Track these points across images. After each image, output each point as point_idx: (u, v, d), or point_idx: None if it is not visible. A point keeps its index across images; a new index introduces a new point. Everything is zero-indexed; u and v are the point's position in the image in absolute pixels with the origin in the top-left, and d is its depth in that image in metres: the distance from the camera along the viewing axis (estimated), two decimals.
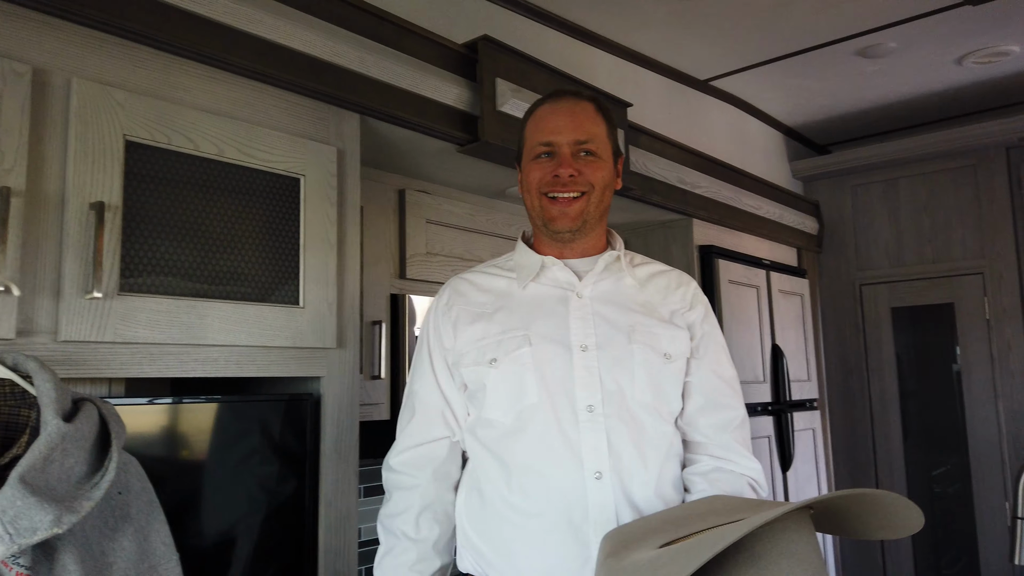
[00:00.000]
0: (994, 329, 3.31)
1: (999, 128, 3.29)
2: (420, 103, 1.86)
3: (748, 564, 0.86)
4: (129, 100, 1.33)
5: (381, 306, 2.08)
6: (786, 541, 0.88)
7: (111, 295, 1.27)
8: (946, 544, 3.49)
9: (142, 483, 1.17)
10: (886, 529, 0.98)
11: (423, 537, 1.28)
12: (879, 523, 0.98)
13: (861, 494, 0.91)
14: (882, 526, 0.98)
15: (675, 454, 1.24)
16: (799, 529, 0.89)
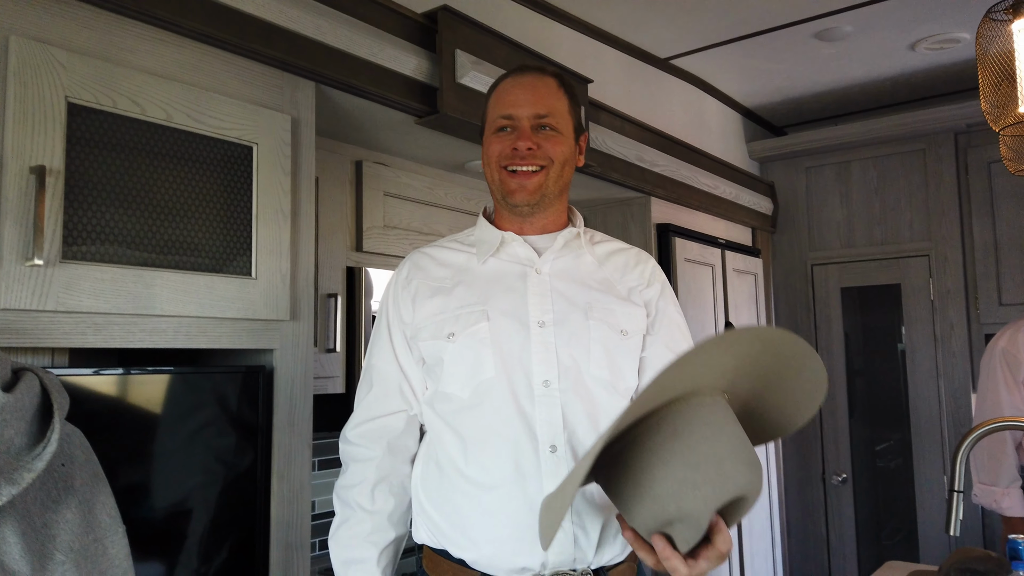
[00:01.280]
0: (938, 310, 3.42)
1: (948, 114, 3.38)
2: (378, 73, 1.83)
3: (672, 439, 0.91)
4: (71, 61, 1.28)
5: (337, 279, 2.06)
6: (703, 414, 0.92)
7: (53, 262, 1.23)
8: (887, 516, 3.62)
9: (86, 455, 1.14)
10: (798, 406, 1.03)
11: (378, 509, 1.29)
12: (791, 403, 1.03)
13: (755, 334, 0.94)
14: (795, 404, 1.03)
15: None
16: (713, 405, 0.94)
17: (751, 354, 0.95)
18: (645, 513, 0.93)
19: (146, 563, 1.35)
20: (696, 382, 0.93)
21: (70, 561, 1.06)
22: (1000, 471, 2.35)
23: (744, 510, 0.94)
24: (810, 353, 0.98)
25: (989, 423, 1.43)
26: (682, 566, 0.93)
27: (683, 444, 0.91)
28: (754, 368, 0.97)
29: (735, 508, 0.94)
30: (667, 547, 0.92)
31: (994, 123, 1.96)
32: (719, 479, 0.89)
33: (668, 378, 0.89)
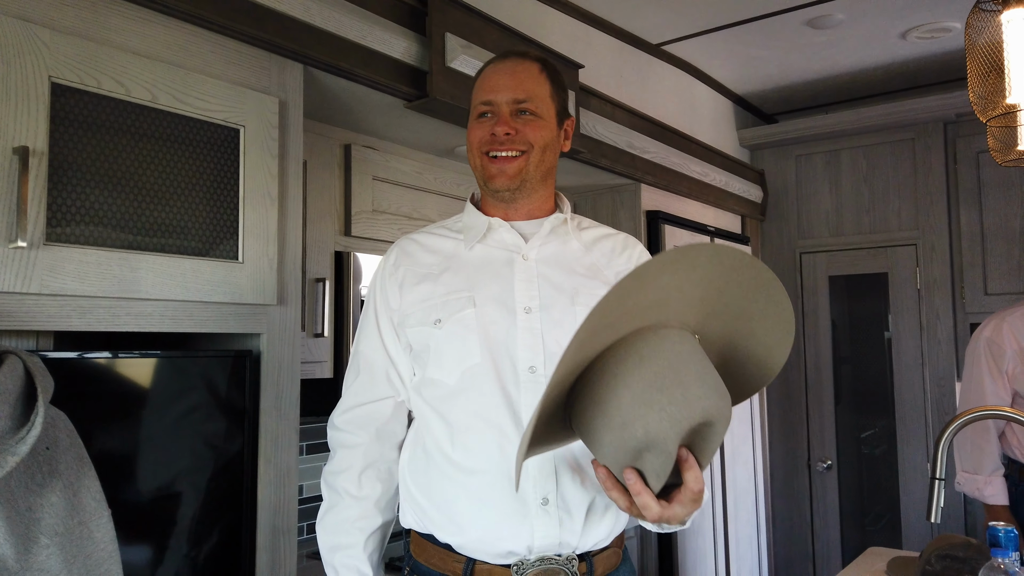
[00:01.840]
0: (924, 299, 3.45)
1: (938, 103, 3.38)
2: (366, 55, 1.81)
3: (638, 365, 0.91)
4: (55, 40, 1.26)
5: (325, 263, 2.05)
6: (670, 342, 0.93)
7: (37, 244, 1.22)
8: (871, 502, 3.66)
9: (71, 438, 1.14)
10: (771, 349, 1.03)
11: (365, 495, 1.29)
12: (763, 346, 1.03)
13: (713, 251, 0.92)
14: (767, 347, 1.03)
15: None
16: (681, 336, 0.94)
17: (715, 283, 0.94)
18: (615, 442, 0.91)
19: (133, 547, 1.35)
20: (664, 314, 0.93)
21: (55, 544, 1.06)
22: (983, 460, 2.38)
23: (712, 441, 0.93)
24: (773, 281, 0.97)
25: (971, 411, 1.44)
26: (653, 502, 0.92)
27: (649, 369, 0.90)
28: (720, 304, 0.96)
29: (704, 439, 0.92)
30: (638, 481, 0.91)
31: (981, 114, 1.96)
32: (684, 401, 0.89)
33: (626, 289, 0.88)
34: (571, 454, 1.18)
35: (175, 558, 1.41)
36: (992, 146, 2.08)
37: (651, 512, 0.92)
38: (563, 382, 0.93)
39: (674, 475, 0.94)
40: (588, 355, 0.93)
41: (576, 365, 0.93)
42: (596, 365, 0.95)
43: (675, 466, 0.93)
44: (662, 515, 0.93)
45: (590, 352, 0.93)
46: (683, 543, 2.94)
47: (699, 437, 0.92)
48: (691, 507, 0.94)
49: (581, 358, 0.92)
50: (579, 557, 1.19)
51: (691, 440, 0.92)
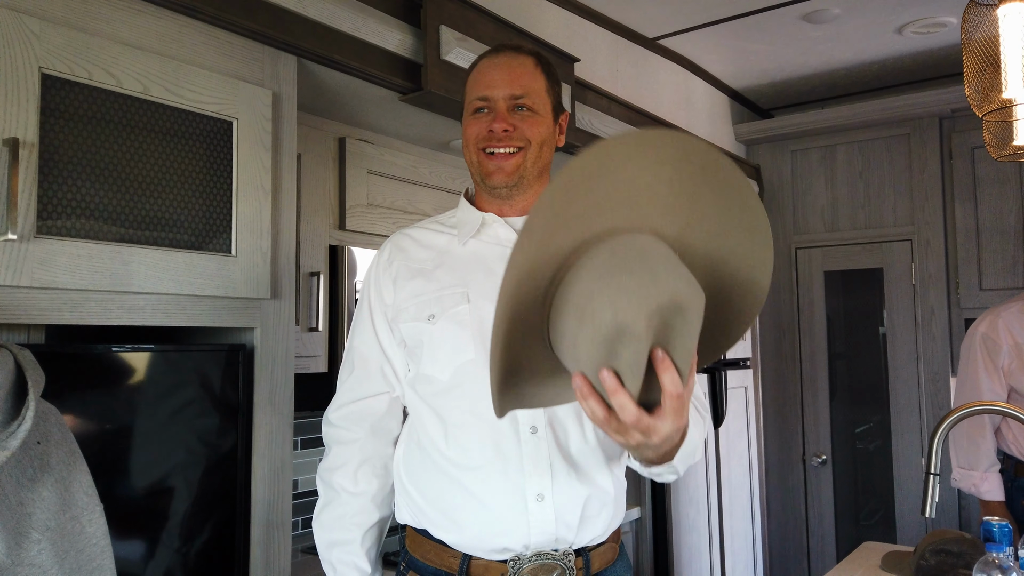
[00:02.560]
0: (919, 294, 3.45)
1: (933, 99, 3.38)
2: (361, 48, 1.80)
3: (609, 257, 0.88)
4: (45, 30, 1.25)
5: (319, 257, 2.04)
6: (642, 240, 0.90)
7: (28, 237, 1.21)
8: (865, 497, 3.67)
9: (63, 432, 1.13)
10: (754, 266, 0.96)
11: (361, 491, 1.29)
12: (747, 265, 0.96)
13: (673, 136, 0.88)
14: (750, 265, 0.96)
15: None
16: (656, 239, 0.91)
17: (686, 187, 0.90)
18: (586, 338, 0.86)
19: (126, 542, 1.34)
20: (637, 218, 0.90)
21: (46, 539, 1.05)
22: (979, 455, 2.39)
23: (686, 334, 0.85)
24: (745, 185, 0.92)
25: (966, 407, 1.44)
26: (630, 403, 0.84)
27: (619, 259, 0.87)
28: (695, 215, 0.92)
29: (676, 331, 0.85)
30: (613, 379, 0.84)
31: (977, 108, 1.96)
32: (653, 283, 0.84)
33: (589, 168, 0.84)
34: (567, 454, 1.18)
35: (169, 553, 1.41)
36: (988, 141, 2.08)
37: (628, 414, 0.85)
38: (535, 284, 0.90)
39: (656, 392, 0.88)
40: (559, 250, 0.89)
41: (547, 262, 0.89)
42: (570, 271, 0.91)
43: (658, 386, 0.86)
44: (642, 425, 0.86)
45: (562, 245, 0.89)
46: (678, 537, 2.94)
47: (671, 330, 0.85)
48: (674, 419, 0.86)
49: (551, 253, 0.89)
50: (575, 552, 1.18)
51: (663, 334, 0.85)
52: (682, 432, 0.93)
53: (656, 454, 0.94)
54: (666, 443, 0.90)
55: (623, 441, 0.90)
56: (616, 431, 0.88)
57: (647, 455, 0.95)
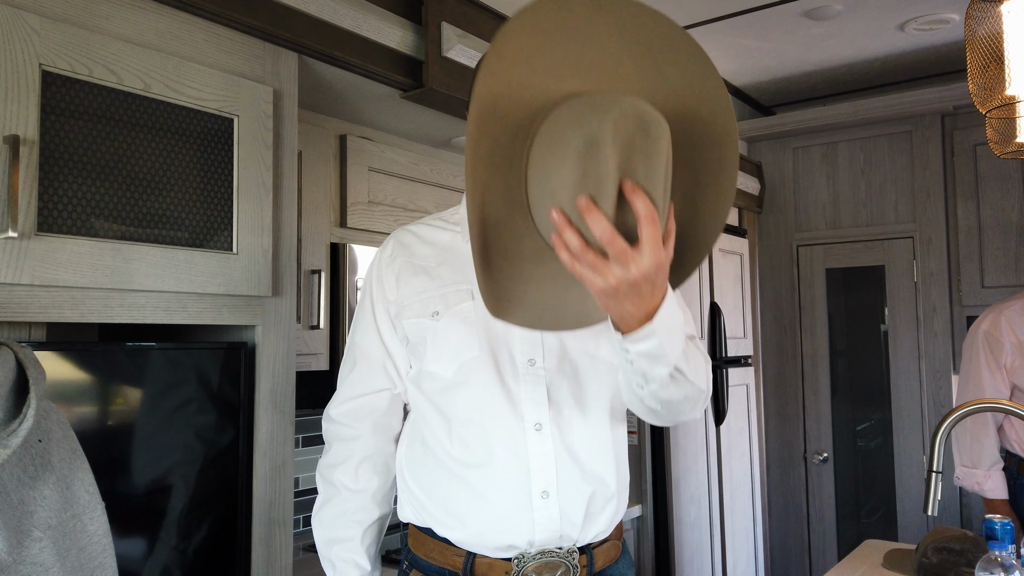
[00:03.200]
0: (921, 292, 3.44)
1: (935, 96, 3.37)
2: (362, 44, 1.80)
3: (577, 98, 0.92)
4: (45, 27, 1.24)
5: (320, 255, 2.04)
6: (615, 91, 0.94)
7: (28, 235, 1.20)
8: (867, 494, 3.67)
9: (64, 431, 1.12)
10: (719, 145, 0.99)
11: (362, 488, 1.28)
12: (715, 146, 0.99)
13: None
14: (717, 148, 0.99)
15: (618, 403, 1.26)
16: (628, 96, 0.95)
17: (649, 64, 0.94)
18: (559, 164, 0.88)
19: (128, 540, 1.34)
20: (605, 84, 0.93)
21: (48, 538, 1.05)
22: (982, 453, 2.38)
23: (652, 156, 0.86)
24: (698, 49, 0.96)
25: (969, 404, 1.44)
26: (603, 218, 0.84)
27: (587, 99, 0.91)
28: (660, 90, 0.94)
29: (641, 153, 0.86)
30: (587, 200, 0.85)
31: (981, 105, 1.95)
32: (616, 103, 0.86)
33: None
34: (572, 452, 1.18)
35: (170, 551, 1.41)
36: (991, 137, 2.07)
37: (603, 229, 0.84)
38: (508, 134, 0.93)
39: (632, 229, 0.89)
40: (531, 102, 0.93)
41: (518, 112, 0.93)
42: (542, 125, 0.93)
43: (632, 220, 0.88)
44: (618, 247, 0.85)
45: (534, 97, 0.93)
46: (679, 535, 2.94)
47: (636, 153, 0.86)
48: (651, 251, 0.85)
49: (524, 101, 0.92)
50: (579, 550, 1.18)
51: (629, 158, 0.86)
52: (662, 277, 0.90)
53: (637, 306, 0.91)
54: (645, 284, 0.88)
55: (602, 284, 0.88)
56: (592, 267, 0.87)
57: (627, 308, 0.91)
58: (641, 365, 0.99)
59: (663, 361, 0.98)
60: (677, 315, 0.97)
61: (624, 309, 0.92)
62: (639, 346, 0.96)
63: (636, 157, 0.86)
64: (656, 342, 0.95)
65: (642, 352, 0.97)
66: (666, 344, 0.96)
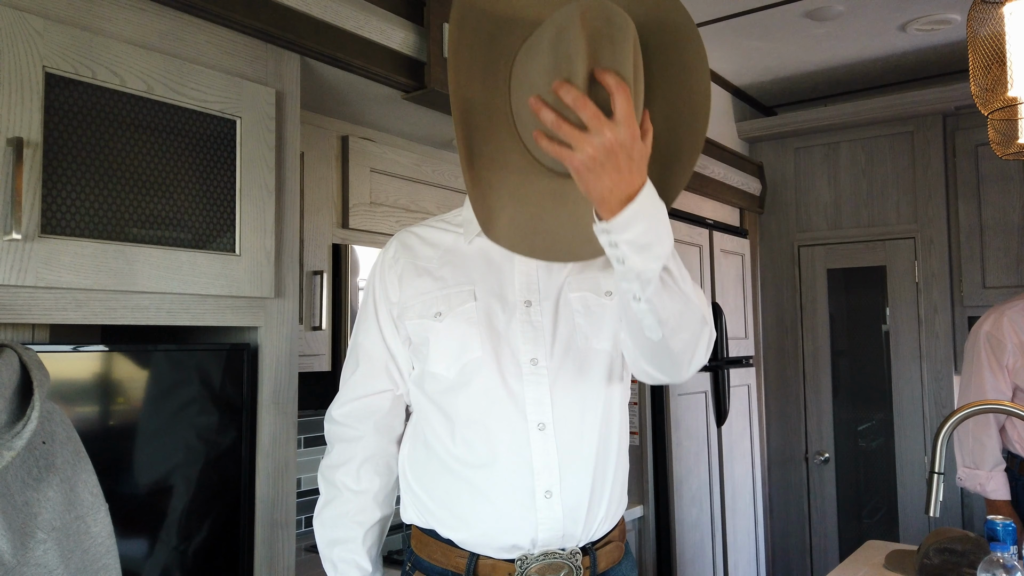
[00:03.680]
0: (922, 292, 3.44)
1: (937, 96, 3.37)
2: (364, 46, 1.80)
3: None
4: (49, 29, 1.25)
5: (323, 256, 2.04)
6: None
7: (32, 237, 1.21)
8: (868, 495, 3.67)
9: (67, 432, 1.13)
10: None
11: (364, 488, 1.28)
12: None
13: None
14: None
15: (620, 402, 1.27)
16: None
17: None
18: (534, 56, 0.97)
19: (131, 541, 1.34)
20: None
21: (52, 539, 1.05)
22: (985, 454, 2.38)
23: (618, 40, 0.92)
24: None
25: (971, 406, 1.44)
26: (574, 89, 0.90)
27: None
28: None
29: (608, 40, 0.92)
30: (560, 80, 0.91)
31: (983, 106, 1.96)
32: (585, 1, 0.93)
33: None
34: (575, 450, 1.18)
35: (172, 552, 1.41)
36: (993, 138, 2.07)
37: (574, 96, 0.89)
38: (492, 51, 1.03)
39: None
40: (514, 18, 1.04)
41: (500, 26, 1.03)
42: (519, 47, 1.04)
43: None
44: (590, 111, 0.89)
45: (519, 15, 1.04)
46: (681, 536, 2.94)
47: (604, 40, 0.92)
48: (626, 122, 0.90)
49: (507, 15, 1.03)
50: (582, 551, 1.18)
51: (597, 45, 0.91)
52: (639, 155, 0.93)
53: (616, 180, 0.92)
54: (621, 153, 0.90)
55: (580, 156, 0.91)
56: (568, 137, 0.91)
57: (606, 183, 0.92)
58: (632, 262, 0.96)
59: (652, 252, 0.96)
60: (662, 207, 0.96)
61: (603, 184, 0.93)
62: (625, 233, 0.94)
63: (603, 44, 0.91)
64: (642, 227, 0.94)
65: (629, 241, 0.95)
66: (652, 232, 0.95)
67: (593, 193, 0.94)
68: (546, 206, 1.06)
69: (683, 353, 1.09)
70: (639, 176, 0.94)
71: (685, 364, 1.11)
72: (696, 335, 1.09)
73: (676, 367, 1.12)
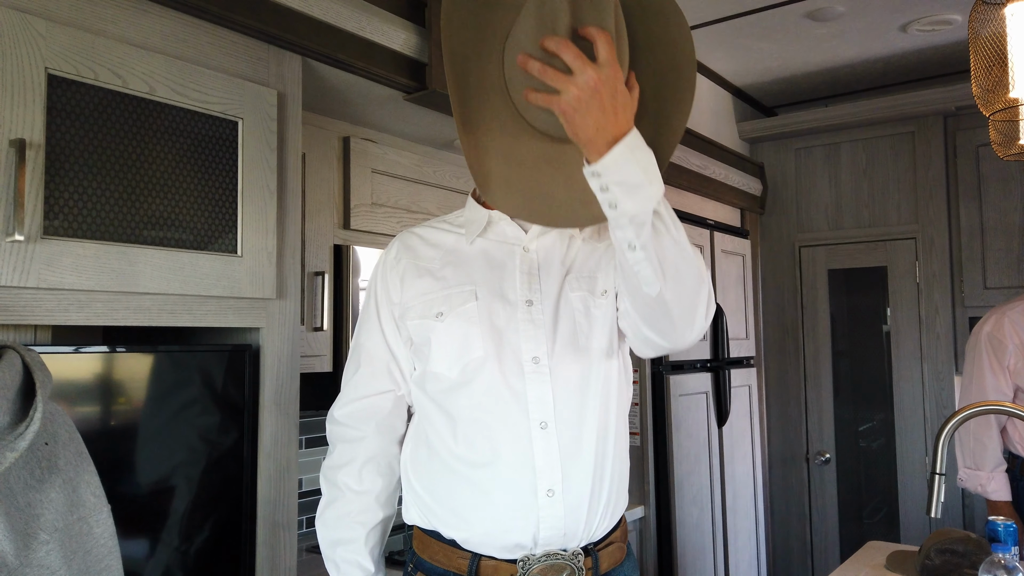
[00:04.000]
0: (923, 293, 3.44)
1: (938, 96, 3.37)
2: (365, 47, 1.80)
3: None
4: (51, 31, 1.25)
5: (324, 257, 2.04)
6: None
7: (34, 238, 1.21)
8: (869, 495, 3.67)
9: (70, 433, 1.13)
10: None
11: (366, 489, 1.29)
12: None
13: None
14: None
15: (623, 399, 1.27)
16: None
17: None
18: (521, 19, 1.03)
19: (133, 542, 1.34)
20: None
21: (54, 540, 1.06)
22: (986, 455, 2.38)
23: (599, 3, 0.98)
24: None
25: (972, 407, 1.44)
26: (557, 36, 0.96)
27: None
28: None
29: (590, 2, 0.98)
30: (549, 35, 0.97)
31: (985, 107, 1.96)
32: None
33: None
34: (578, 448, 1.19)
35: (174, 553, 1.41)
36: (994, 139, 2.07)
37: (558, 42, 0.94)
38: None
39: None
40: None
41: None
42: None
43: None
44: (572, 52, 0.94)
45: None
46: (682, 536, 2.94)
47: (585, 2, 0.98)
48: (608, 64, 0.94)
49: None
50: (584, 551, 1.19)
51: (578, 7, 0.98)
52: (624, 98, 0.96)
53: (600, 120, 0.95)
54: (605, 91, 0.94)
55: (565, 97, 0.95)
56: (554, 80, 0.95)
57: (591, 123, 0.95)
58: (624, 206, 0.97)
59: (643, 193, 0.96)
60: (651, 154, 0.98)
61: (589, 124, 0.95)
62: (615, 174, 0.95)
63: (585, 4, 0.98)
64: (631, 168, 0.95)
65: (619, 182, 0.96)
66: (641, 173, 0.96)
67: (581, 135, 0.96)
68: (541, 169, 1.10)
69: (682, 312, 1.07)
70: (625, 119, 0.96)
71: (685, 325, 1.09)
72: (695, 292, 1.07)
73: (676, 329, 1.10)
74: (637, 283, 1.04)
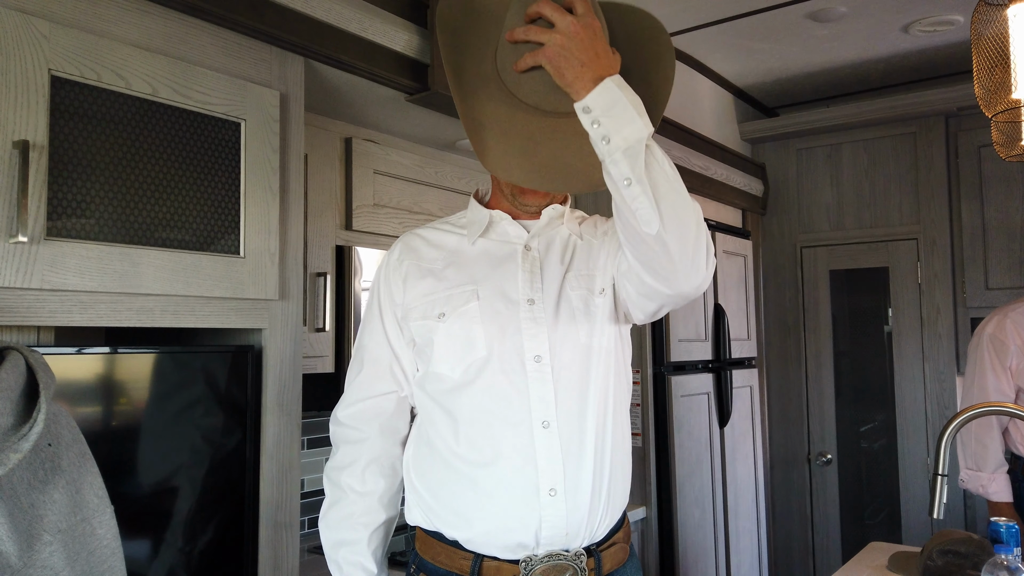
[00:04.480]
0: (925, 293, 3.44)
1: (939, 97, 3.37)
2: (367, 48, 1.80)
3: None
4: (54, 32, 1.25)
5: (326, 258, 2.04)
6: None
7: (37, 239, 1.21)
8: (871, 496, 3.67)
9: (73, 434, 1.13)
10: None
11: (369, 490, 1.29)
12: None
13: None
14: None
15: (622, 397, 1.27)
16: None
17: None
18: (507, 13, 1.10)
19: (135, 542, 1.34)
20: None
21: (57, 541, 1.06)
22: (987, 456, 2.38)
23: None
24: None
25: (974, 408, 1.44)
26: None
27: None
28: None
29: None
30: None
31: (987, 108, 1.95)
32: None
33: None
34: (579, 447, 1.19)
35: (177, 554, 1.41)
36: (996, 140, 2.07)
37: (539, 5, 1.02)
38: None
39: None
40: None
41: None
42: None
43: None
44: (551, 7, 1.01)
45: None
46: (684, 537, 2.94)
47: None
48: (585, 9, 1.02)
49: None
50: (587, 552, 1.19)
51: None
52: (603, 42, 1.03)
53: (583, 60, 1.00)
54: (586, 33, 1.00)
55: (550, 43, 1.01)
56: (538, 35, 1.03)
57: (575, 62, 1.01)
58: (617, 138, 1.00)
59: (635, 125, 1.01)
60: (637, 97, 1.03)
61: (574, 65, 1.01)
62: (603, 105, 1.00)
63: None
64: (620, 101, 1.00)
65: (609, 112, 1.00)
66: (631, 107, 1.01)
67: (568, 75, 1.01)
68: (536, 138, 1.13)
69: (682, 253, 1.05)
70: (607, 62, 1.02)
71: (687, 267, 1.07)
72: (694, 233, 1.06)
73: (677, 271, 1.07)
74: (636, 224, 1.03)
